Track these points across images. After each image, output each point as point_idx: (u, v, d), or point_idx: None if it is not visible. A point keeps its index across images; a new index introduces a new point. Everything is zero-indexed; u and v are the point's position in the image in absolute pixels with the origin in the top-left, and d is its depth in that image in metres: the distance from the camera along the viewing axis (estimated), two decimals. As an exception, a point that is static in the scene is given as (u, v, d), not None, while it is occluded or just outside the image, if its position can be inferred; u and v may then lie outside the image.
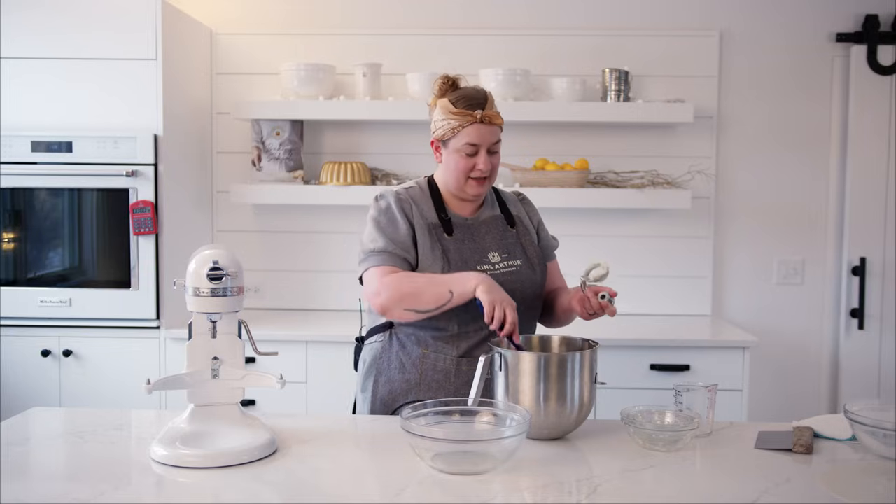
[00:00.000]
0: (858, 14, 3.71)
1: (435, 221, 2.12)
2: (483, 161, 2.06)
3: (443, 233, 2.11)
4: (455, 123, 2.05)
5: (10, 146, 3.25)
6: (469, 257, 2.09)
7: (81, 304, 3.28)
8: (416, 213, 2.12)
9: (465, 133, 2.05)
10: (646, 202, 3.54)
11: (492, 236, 2.15)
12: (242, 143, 3.79)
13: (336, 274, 3.82)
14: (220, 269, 1.72)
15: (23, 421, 1.96)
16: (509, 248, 2.15)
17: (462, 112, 2.04)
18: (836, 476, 1.63)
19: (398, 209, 2.11)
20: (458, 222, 2.15)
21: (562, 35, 3.74)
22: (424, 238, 2.09)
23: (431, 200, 2.15)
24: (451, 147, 2.07)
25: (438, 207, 2.14)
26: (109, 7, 3.26)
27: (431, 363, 2.08)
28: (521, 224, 2.22)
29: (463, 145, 2.05)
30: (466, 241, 2.12)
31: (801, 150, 3.76)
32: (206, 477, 1.60)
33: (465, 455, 1.60)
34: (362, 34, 3.77)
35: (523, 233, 2.21)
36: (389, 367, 2.13)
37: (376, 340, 2.18)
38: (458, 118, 2.04)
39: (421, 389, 2.08)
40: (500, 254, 2.13)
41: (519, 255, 2.15)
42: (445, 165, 2.11)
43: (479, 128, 2.05)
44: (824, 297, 3.79)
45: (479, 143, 2.06)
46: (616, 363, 3.13)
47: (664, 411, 1.87)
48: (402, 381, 2.10)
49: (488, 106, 2.07)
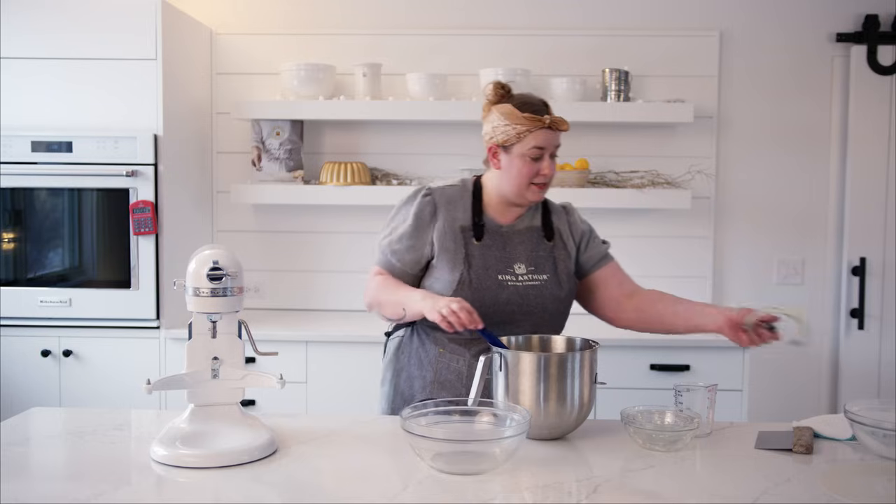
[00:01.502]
0: (858, 14, 3.71)
1: (466, 224, 2.11)
2: (548, 166, 2.05)
3: (471, 237, 2.10)
4: (521, 128, 2.03)
5: (10, 146, 3.25)
6: (492, 265, 2.08)
7: (81, 304, 3.28)
8: (444, 215, 2.11)
9: (533, 137, 2.03)
10: (646, 202, 3.54)
11: (523, 247, 2.13)
12: (242, 143, 3.79)
13: (336, 274, 3.82)
14: (220, 269, 1.72)
15: (23, 421, 1.96)
16: (539, 261, 2.13)
17: (530, 117, 2.03)
18: (836, 476, 1.63)
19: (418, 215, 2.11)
20: (492, 229, 2.13)
21: (562, 35, 3.74)
22: (448, 240, 2.09)
23: (471, 202, 2.14)
24: (515, 152, 2.05)
25: (475, 211, 2.13)
26: (109, 7, 3.26)
27: (446, 363, 2.10)
28: (559, 237, 2.18)
29: (529, 150, 2.04)
30: (494, 249, 2.10)
31: (801, 150, 3.76)
32: (206, 477, 1.60)
33: (465, 455, 1.60)
34: (362, 34, 3.77)
35: (559, 246, 2.17)
36: (409, 364, 2.16)
37: (398, 335, 2.22)
38: (526, 123, 2.02)
39: (435, 388, 2.10)
40: (528, 266, 2.11)
41: (548, 269, 2.13)
42: (506, 171, 2.08)
43: (546, 132, 2.04)
44: (824, 297, 3.79)
45: (545, 148, 2.04)
46: (616, 363, 3.13)
47: (664, 411, 1.88)
48: (419, 377, 2.13)
49: (550, 111, 2.07)
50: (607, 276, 2.21)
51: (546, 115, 2.05)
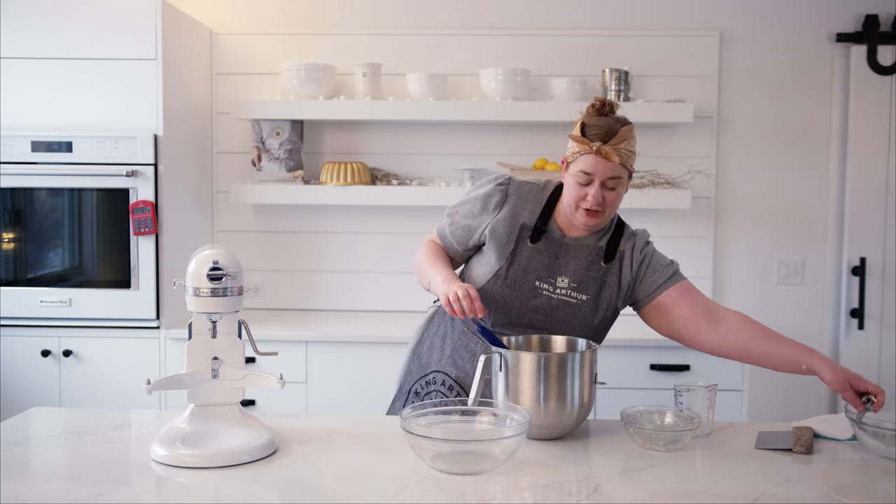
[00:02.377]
0: (858, 14, 3.71)
1: (528, 223, 2.09)
2: (593, 193, 2.00)
3: (527, 237, 2.08)
4: (575, 149, 2.02)
5: (10, 146, 3.25)
6: (534, 269, 2.06)
7: (81, 304, 3.28)
8: (510, 207, 2.11)
9: (581, 161, 2.01)
10: (646, 202, 3.54)
11: (575, 263, 2.08)
12: (242, 143, 3.79)
13: (336, 274, 3.82)
14: (220, 269, 1.72)
15: (23, 421, 1.96)
16: (587, 280, 2.07)
17: (581, 139, 2.01)
18: (836, 476, 1.63)
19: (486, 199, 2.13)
20: (554, 237, 2.10)
21: (562, 35, 3.74)
22: (502, 233, 2.09)
23: (543, 204, 2.12)
24: (570, 171, 2.05)
25: (545, 213, 2.11)
26: (109, 7, 3.26)
27: (465, 343, 2.12)
28: (618, 262, 2.11)
29: (577, 172, 2.02)
30: (545, 256, 2.08)
31: (801, 150, 3.76)
32: (206, 477, 1.60)
33: (465, 455, 1.60)
34: (362, 34, 3.77)
35: (614, 272, 2.10)
36: (436, 334, 2.19)
37: (436, 304, 2.25)
38: (579, 144, 2.01)
39: (448, 363, 2.12)
40: (571, 282, 2.07)
41: (591, 291, 2.07)
42: (565, 187, 2.08)
43: (593, 158, 1.99)
44: (824, 297, 3.79)
45: (592, 174, 2.00)
46: (616, 363, 3.13)
47: (664, 411, 1.88)
48: (439, 348, 2.16)
49: (615, 140, 1.99)
50: (675, 297, 2.09)
51: (599, 142, 1.99)
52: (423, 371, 2.18)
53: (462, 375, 2.09)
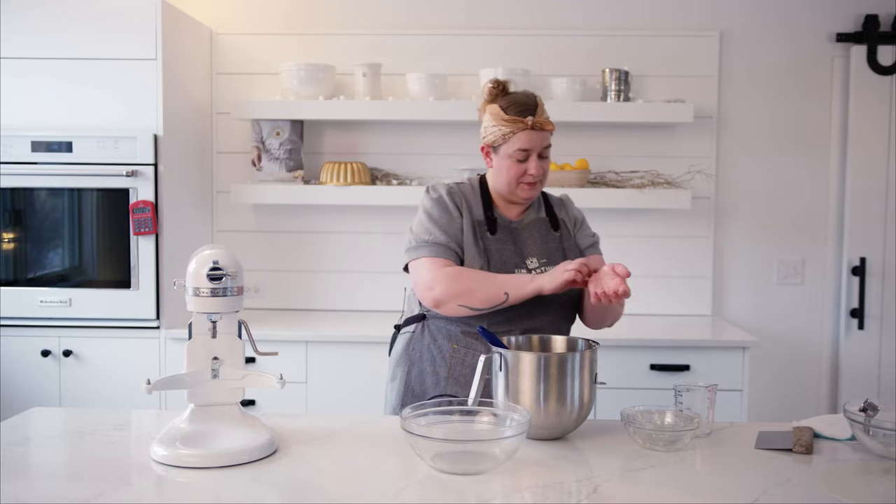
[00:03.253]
0: (858, 14, 3.71)
1: (481, 219, 2.14)
2: (535, 166, 2.07)
3: (486, 231, 2.12)
4: (506, 130, 2.06)
5: (10, 146, 3.25)
6: (508, 259, 2.11)
7: (81, 304, 3.28)
8: (465, 207, 2.14)
9: (517, 139, 2.06)
10: (646, 202, 3.54)
11: (533, 241, 2.16)
12: (242, 143, 3.79)
13: (336, 274, 3.82)
14: (220, 269, 1.72)
15: (23, 421, 1.96)
16: (550, 252, 2.16)
17: (513, 119, 2.05)
18: (836, 476, 1.63)
19: (450, 201, 2.13)
20: (503, 224, 2.16)
21: (562, 35, 3.74)
22: (469, 234, 2.11)
23: (480, 198, 2.17)
24: (503, 153, 2.08)
25: (486, 206, 2.15)
26: (109, 7, 3.26)
27: (461, 358, 2.10)
28: (564, 227, 2.22)
29: (514, 151, 2.06)
30: (508, 243, 2.13)
31: (801, 150, 3.76)
32: (206, 477, 1.60)
33: (465, 455, 1.60)
34: (362, 34, 3.77)
35: (566, 237, 2.21)
36: (422, 360, 2.16)
37: (409, 330, 2.21)
38: (510, 125, 2.05)
39: (449, 384, 2.10)
40: (539, 259, 2.14)
41: (559, 259, 2.15)
42: (497, 171, 2.12)
43: (530, 134, 2.06)
44: (824, 297, 3.79)
45: (530, 149, 2.07)
46: (616, 363, 3.14)
47: (664, 411, 1.87)
48: (432, 373, 2.13)
49: (539, 111, 2.08)
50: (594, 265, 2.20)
51: (530, 116, 2.05)
52: (420, 400, 2.12)
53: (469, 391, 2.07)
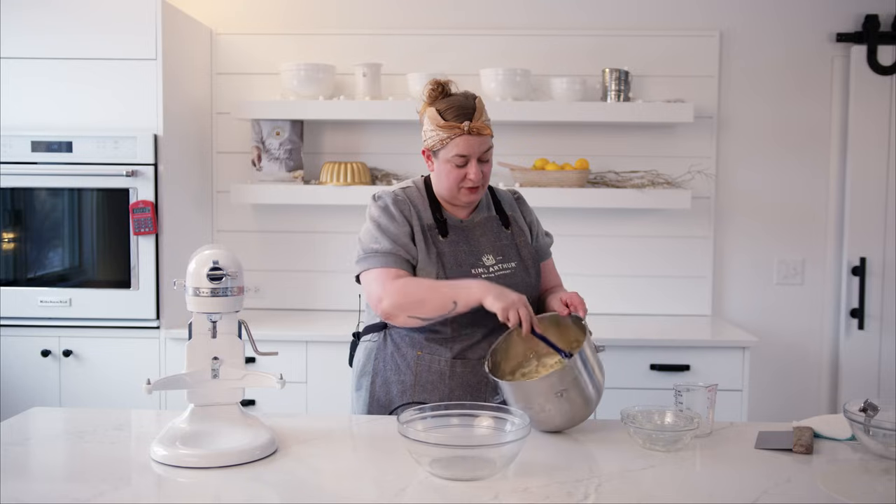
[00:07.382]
0: (858, 14, 3.71)
1: (430, 223, 2.10)
2: (473, 171, 2.03)
3: (437, 234, 2.09)
4: (444, 135, 2.02)
5: (10, 146, 3.25)
6: (464, 260, 2.08)
7: (81, 304, 3.28)
8: (413, 213, 2.10)
9: (454, 145, 2.01)
10: (646, 202, 3.54)
11: (486, 238, 2.13)
12: (242, 143, 3.79)
13: (336, 274, 3.82)
14: (220, 269, 1.72)
15: (23, 421, 1.96)
16: (504, 249, 2.14)
17: (450, 125, 2.01)
18: (836, 476, 1.63)
19: (397, 210, 2.09)
20: (453, 224, 2.13)
21: (562, 35, 3.74)
22: (420, 239, 2.08)
23: (427, 201, 2.13)
24: (441, 158, 2.05)
25: (434, 208, 2.12)
26: (109, 7, 3.26)
27: (426, 365, 2.07)
28: (515, 224, 2.20)
29: (453, 157, 2.02)
30: (461, 244, 2.10)
31: (801, 150, 3.76)
32: (206, 477, 1.60)
33: (464, 460, 1.58)
34: (362, 34, 3.77)
35: (518, 233, 2.19)
36: (385, 369, 2.12)
37: (371, 340, 2.17)
38: (446, 130, 2.01)
39: (416, 391, 2.07)
40: (495, 256, 2.12)
41: (513, 256, 2.14)
42: (437, 175, 2.09)
43: (467, 139, 2.01)
44: (824, 297, 3.79)
45: (468, 155, 2.03)
46: (616, 363, 3.13)
47: (664, 411, 1.87)
48: (397, 382, 2.10)
49: (476, 115, 2.02)
50: (547, 268, 2.26)
51: (467, 121, 2.00)
52: (387, 409, 2.10)
53: (442, 397, 2.03)
